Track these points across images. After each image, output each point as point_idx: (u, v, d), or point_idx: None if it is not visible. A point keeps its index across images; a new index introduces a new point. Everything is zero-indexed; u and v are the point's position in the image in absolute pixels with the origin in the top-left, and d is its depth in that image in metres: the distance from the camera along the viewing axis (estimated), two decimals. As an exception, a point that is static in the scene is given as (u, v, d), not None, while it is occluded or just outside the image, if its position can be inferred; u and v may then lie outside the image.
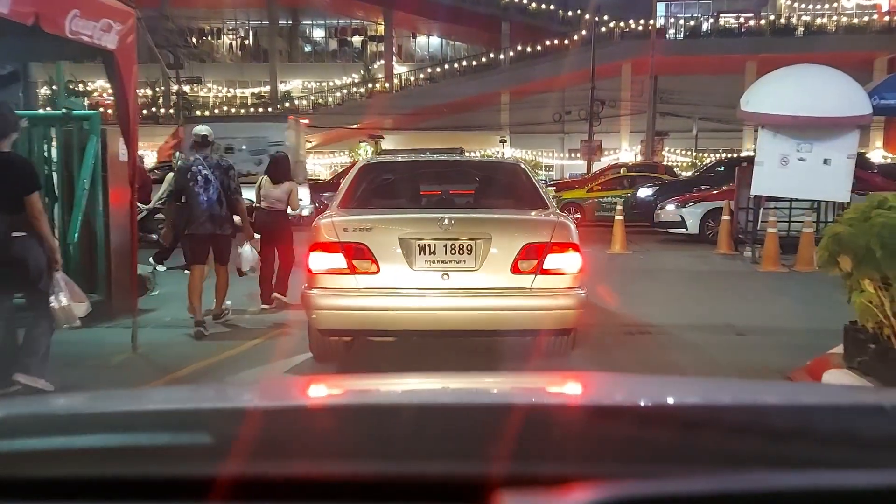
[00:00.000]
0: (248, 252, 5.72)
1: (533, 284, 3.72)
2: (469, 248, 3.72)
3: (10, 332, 3.77)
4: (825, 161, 8.76)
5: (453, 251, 3.72)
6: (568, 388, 1.11)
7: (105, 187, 5.86)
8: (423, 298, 3.72)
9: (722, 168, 15.05)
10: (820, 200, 9.49)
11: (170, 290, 7.49)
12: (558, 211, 4.20)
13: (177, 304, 6.76)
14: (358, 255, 3.70)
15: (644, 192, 14.66)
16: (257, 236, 6.03)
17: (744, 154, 22.11)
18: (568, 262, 3.76)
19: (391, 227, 3.80)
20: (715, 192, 12.22)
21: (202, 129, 5.58)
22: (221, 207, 5.30)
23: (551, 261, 3.72)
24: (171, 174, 8.61)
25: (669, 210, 12.15)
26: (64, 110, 5.81)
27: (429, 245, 3.72)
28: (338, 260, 3.69)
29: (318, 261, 3.73)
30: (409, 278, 3.72)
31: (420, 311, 3.72)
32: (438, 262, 3.72)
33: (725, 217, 10.49)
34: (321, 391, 1.09)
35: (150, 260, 8.27)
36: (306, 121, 19.97)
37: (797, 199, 9.50)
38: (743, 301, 6.90)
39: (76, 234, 5.57)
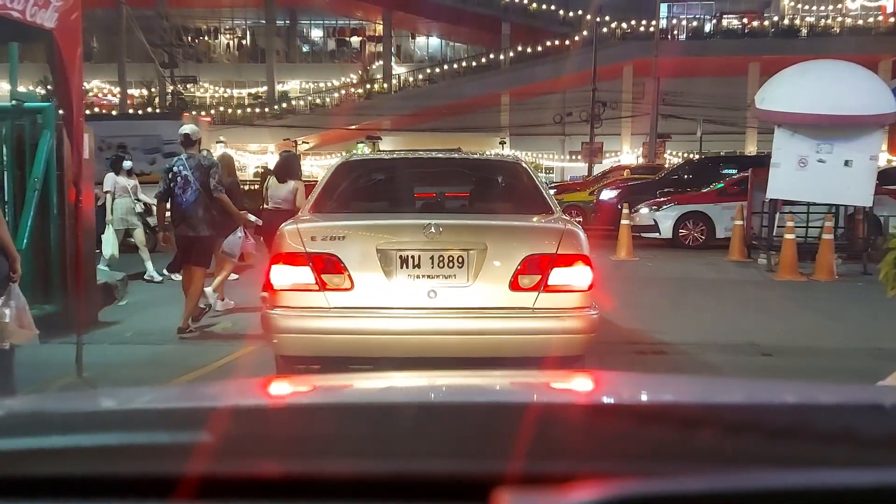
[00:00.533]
0: (233, 237, 5.80)
1: (536, 303, 3.15)
2: (460, 260, 3.14)
3: None
4: (846, 162, 8.20)
5: (441, 264, 3.14)
6: (570, 387, 1.10)
7: (60, 187, 5.28)
8: (406, 320, 3.15)
9: (681, 172, 14.55)
10: (839, 205, 8.90)
11: (142, 298, 6.93)
12: (564, 216, 3.62)
13: (145, 315, 6.21)
14: (328, 268, 3.12)
15: (607, 195, 14.23)
16: (253, 218, 6.08)
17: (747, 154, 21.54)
18: (577, 277, 3.18)
19: (368, 234, 3.22)
20: (692, 195, 11.88)
21: (185, 128, 5.47)
22: (198, 209, 5.20)
23: (557, 275, 3.14)
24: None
25: (643, 213, 11.74)
26: (14, 102, 5.24)
27: (412, 256, 3.15)
28: (304, 274, 3.12)
29: (281, 275, 3.16)
30: (389, 296, 3.14)
31: (401, 336, 3.14)
32: (424, 276, 3.14)
33: (738, 222, 9.91)
34: (323, 389, 1.08)
35: (165, 270, 7.85)
36: (208, 119, 19.64)
37: (815, 204, 8.91)
38: (763, 314, 6.32)
39: (25, 240, 4.99)
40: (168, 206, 5.30)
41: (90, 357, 4.44)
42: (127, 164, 8.35)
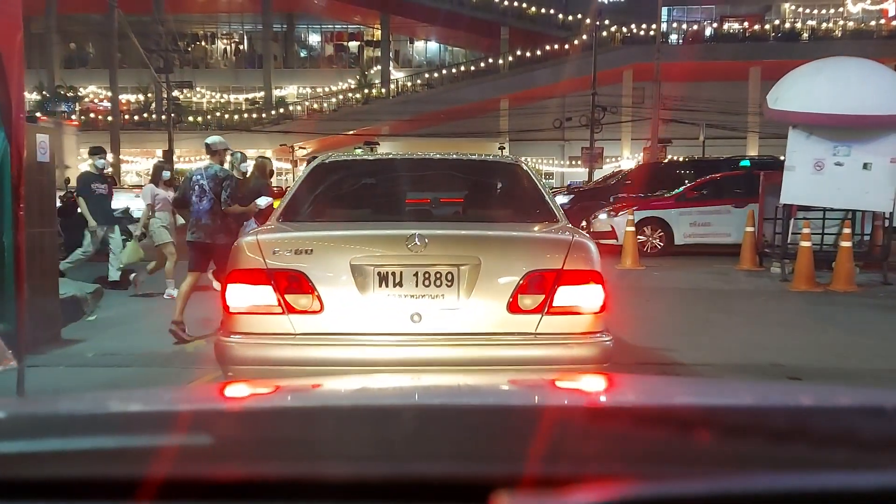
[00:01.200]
0: (245, 228, 5.81)
1: (539, 328, 2.67)
2: (449, 277, 2.67)
3: None
4: (865, 166, 7.73)
5: (427, 282, 2.66)
6: (570, 389, 1.09)
7: (16, 195, 4.80)
8: (385, 348, 2.67)
9: (636, 177, 14.16)
10: (858, 210, 8.42)
11: (115, 313, 6.44)
12: (571, 226, 3.14)
13: (113, 333, 5.74)
14: (293, 287, 2.64)
15: (559, 200, 13.89)
16: (263, 203, 6.08)
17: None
18: (587, 297, 2.71)
19: (340, 247, 2.73)
20: (651, 200, 11.69)
21: (209, 139, 5.73)
22: (213, 218, 5.40)
23: (564, 295, 2.67)
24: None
25: (601, 219, 11.46)
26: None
27: (392, 273, 2.67)
28: (265, 294, 2.64)
29: (238, 296, 2.67)
30: (365, 320, 2.67)
31: (380, 368, 2.66)
32: (406, 296, 2.67)
33: (749, 228, 9.43)
34: (323, 392, 1.07)
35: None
36: (76, 123, 18.94)
37: (831, 209, 8.43)
38: (782, 329, 5.84)
39: (-28, 252, 4.52)
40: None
41: (41, 381, 3.99)
42: (166, 174, 7.92)
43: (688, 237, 11.12)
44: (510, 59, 31.68)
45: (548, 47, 30.43)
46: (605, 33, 28.99)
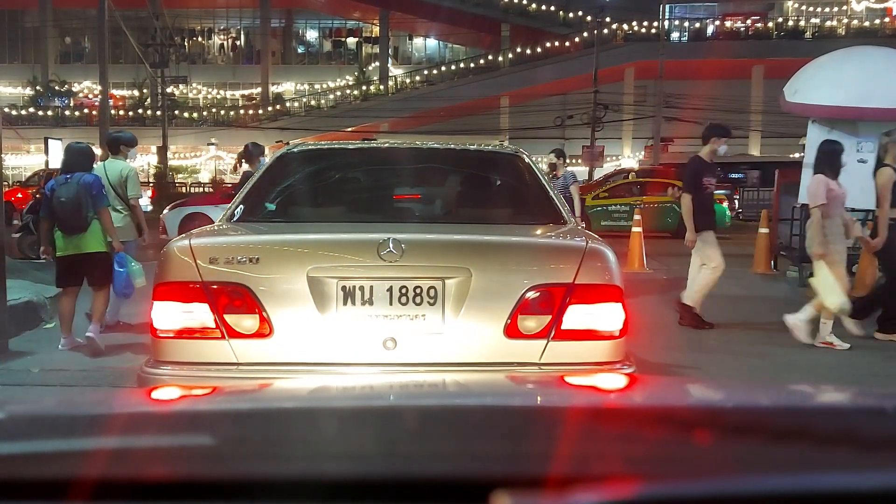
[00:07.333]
0: None
1: (543, 357, 2.14)
2: (432, 293, 2.13)
3: None
4: (891, 164, 7.19)
5: (405, 299, 2.13)
6: (570, 389, 1.08)
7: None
8: None
9: None
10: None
11: (81, 320, 5.88)
12: (582, 228, 2.59)
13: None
14: (235, 304, 2.11)
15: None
16: None
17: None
18: (605, 319, 2.18)
19: (294, 255, 2.19)
20: (198, 196, 11.71)
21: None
22: None
23: (576, 316, 2.14)
24: None
25: (162, 215, 11.33)
26: None
27: (360, 288, 2.13)
28: (199, 314, 2.10)
29: (166, 315, 2.14)
30: (326, 347, 2.13)
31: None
32: (378, 317, 2.13)
33: (763, 230, 8.88)
34: (324, 392, 1.08)
35: None
36: None
37: (853, 210, 7.89)
38: (811, 348, 5.26)
39: None
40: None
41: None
42: None
43: None
44: (511, 56, 31.30)
45: (549, 44, 30.09)
46: (606, 31, 28.62)
